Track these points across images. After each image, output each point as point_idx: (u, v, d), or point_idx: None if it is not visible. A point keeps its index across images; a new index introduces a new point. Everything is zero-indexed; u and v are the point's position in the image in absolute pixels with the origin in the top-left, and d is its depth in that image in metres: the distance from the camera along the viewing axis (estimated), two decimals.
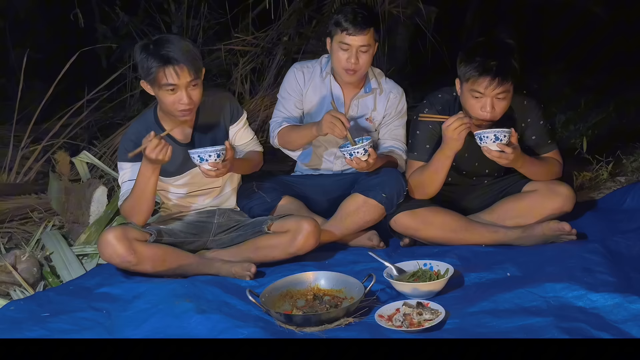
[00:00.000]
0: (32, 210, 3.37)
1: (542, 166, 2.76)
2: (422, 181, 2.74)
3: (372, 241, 2.84)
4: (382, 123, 2.99)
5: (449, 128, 2.54)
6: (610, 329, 1.92)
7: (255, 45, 4.71)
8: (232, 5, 4.89)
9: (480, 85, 2.53)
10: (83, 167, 3.63)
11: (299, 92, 3.00)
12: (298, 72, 3.02)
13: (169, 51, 2.42)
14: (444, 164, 2.66)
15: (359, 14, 2.80)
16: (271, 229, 2.65)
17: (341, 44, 2.82)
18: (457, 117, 2.54)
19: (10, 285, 2.64)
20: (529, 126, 2.78)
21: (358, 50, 2.81)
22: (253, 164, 2.82)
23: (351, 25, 2.78)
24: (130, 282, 2.52)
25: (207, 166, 2.46)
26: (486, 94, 2.54)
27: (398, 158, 2.93)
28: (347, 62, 2.83)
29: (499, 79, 2.51)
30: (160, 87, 2.46)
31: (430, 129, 2.78)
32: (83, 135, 4.28)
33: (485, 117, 2.56)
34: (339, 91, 2.97)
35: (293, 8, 4.59)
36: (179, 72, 2.42)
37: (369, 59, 2.86)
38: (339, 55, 2.84)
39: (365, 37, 2.80)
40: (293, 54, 4.63)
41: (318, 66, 3.02)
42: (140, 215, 2.56)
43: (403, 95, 3.03)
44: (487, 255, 2.62)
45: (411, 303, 2.16)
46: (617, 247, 2.55)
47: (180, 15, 5.17)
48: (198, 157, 2.44)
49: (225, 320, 2.10)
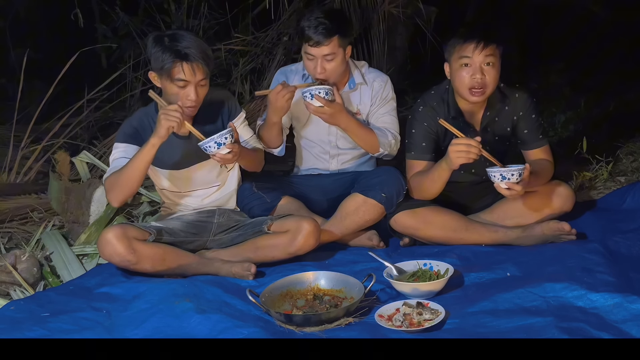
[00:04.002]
0: (32, 210, 3.37)
1: (543, 177, 2.76)
2: (421, 186, 2.75)
3: (372, 241, 2.84)
4: (369, 112, 3.00)
5: (453, 147, 2.52)
6: (610, 329, 1.92)
7: (255, 45, 4.71)
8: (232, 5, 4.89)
9: (467, 49, 2.58)
10: (83, 167, 3.63)
11: None
12: (281, 76, 3.02)
13: (186, 47, 2.47)
14: (441, 175, 2.66)
15: (321, 24, 2.76)
16: (271, 229, 2.65)
17: (306, 53, 2.83)
18: (466, 142, 2.50)
19: (10, 285, 2.64)
20: (521, 119, 2.79)
21: (322, 59, 2.80)
22: (256, 156, 2.80)
23: (313, 35, 2.76)
24: (130, 282, 2.52)
25: (225, 151, 2.45)
26: (474, 59, 2.58)
27: (380, 135, 2.91)
28: (313, 71, 2.83)
29: (485, 42, 2.57)
30: (171, 80, 2.50)
31: (426, 127, 2.78)
32: (83, 135, 4.28)
33: (476, 85, 2.60)
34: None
35: (293, 8, 4.59)
36: (195, 69, 2.48)
37: (336, 66, 2.83)
38: (307, 63, 2.86)
39: (328, 46, 2.78)
40: (293, 54, 4.63)
41: (302, 69, 3.00)
42: (121, 190, 2.53)
43: (388, 81, 3.02)
44: (487, 255, 2.62)
45: (411, 303, 2.16)
46: (617, 247, 2.55)
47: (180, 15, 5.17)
48: (215, 143, 2.43)
49: (225, 320, 2.10)
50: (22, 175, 3.71)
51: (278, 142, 2.94)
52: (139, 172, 2.51)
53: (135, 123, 2.66)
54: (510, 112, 2.78)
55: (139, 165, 2.49)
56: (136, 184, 2.55)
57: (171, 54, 2.47)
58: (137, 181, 2.53)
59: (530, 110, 2.79)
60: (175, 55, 2.47)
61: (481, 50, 2.58)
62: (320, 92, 2.71)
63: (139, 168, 2.50)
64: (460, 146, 2.51)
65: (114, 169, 2.58)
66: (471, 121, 2.78)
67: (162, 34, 2.56)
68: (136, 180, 2.53)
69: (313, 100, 2.72)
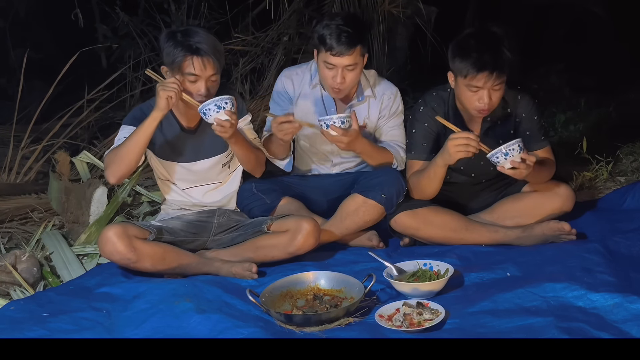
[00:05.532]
0: (32, 210, 3.37)
1: (545, 171, 2.76)
2: (419, 185, 2.75)
3: (372, 241, 2.84)
4: (377, 125, 2.94)
5: (452, 142, 2.52)
6: (610, 329, 1.92)
7: (255, 45, 4.71)
8: (232, 5, 4.90)
9: (479, 81, 2.54)
10: (83, 167, 3.64)
11: (288, 100, 2.93)
12: (287, 79, 2.93)
13: (198, 42, 2.51)
14: (437, 172, 2.66)
15: (344, 32, 2.64)
16: (271, 229, 2.65)
17: (326, 62, 2.70)
18: (466, 136, 2.51)
19: (10, 285, 2.64)
20: (523, 121, 2.78)
21: (344, 69, 2.70)
22: (255, 153, 2.74)
23: (335, 44, 2.64)
24: (130, 282, 2.52)
25: (224, 116, 2.45)
26: (483, 87, 2.56)
27: (394, 153, 2.87)
28: (332, 81, 2.72)
29: (497, 73, 2.53)
30: (182, 75, 2.52)
31: (426, 127, 2.78)
32: (83, 135, 4.28)
33: (483, 108, 2.58)
34: (330, 99, 2.89)
35: (293, 8, 4.59)
36: (206, 64, 2.51)
37: (355, 76, 2.75)
38: (325, 72, 2.73)
39: (351, 56, 2.68)
40: (293, 54, 4.63)
41: (308, 73, 2.93)
42: (119, 165, 2.53)
43: (397, 94, 2.95)
44: (487, 255, 2.62)
45: (411, 303, 2.16)
46: (617, 247, 2.55)
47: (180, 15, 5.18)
48: (215, 105, 2.44)
49: (225, 320, 2.10)
50: (22, 175, 3.71)
51: (284, 154, 2.86)
52: (138, 147, 2.52)
53: (145, 108, 2.66)
54: (512, 115, 2.77)
55: (140, 138, 2.51)
56: (135, 159, 2.54)
57: (182, 49, 2.51)
58: (136, 156, 2.53)
59: (533, 112, 2.78)
60: (186, 50, 2.50)
61: (493, 82, 2.54)
62: (335, 123, 2.60)
63: (139, 141, 2.51)
64: (459, 140, 2.51)
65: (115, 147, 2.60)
66: (471, 125, 2.78)
67: (175, 29, 2.62)
68: (135, 154, 2.53)
69: (329, 129, 2.62)
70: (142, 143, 2.53)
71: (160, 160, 2.73)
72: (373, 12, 4.53)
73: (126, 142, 2.54)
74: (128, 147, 2.52)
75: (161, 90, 2.47)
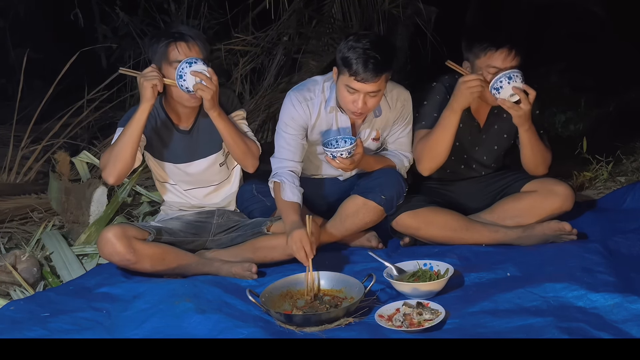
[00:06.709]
0: (32, 210, 3.37)
1: (541, 144, 2.76)
2: (430, 143, 2.72)
3: (371, 242, 2.84)
4: (390, 130, 2.83)
5: (465, 83, 2.57)
6: (610, 329, 1.92)
7: (255, 45, 4.71)
8: (232, 5, 4.89)
9: (497, 59, 2.59)
10: (83, 167, 3.64)
11: (304, 127, 2.73)
12: (301, 105, 2.69)
13: (180, 30, 2.57)
14: (451, 119, 2.65)
15: (372, 59, 2.44)
16: (270, 230, 2.65)
17: (348, 86, 2.52)
18: (477, 76, 2.57)
19: (10, 285, 2.64)
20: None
21: (366, 95, 2.52)
22: (240, 135, 2.65)
23: (362, 71, 2.45)
24: (130, 282, 2.52)
25: (199, 67, 2.46)
26: (501, 67, 2.59)
27: (397, 163, 2.82)
28: (353, 105, 2.55)
29: (515, 51, 2.60)
30: (170, 64, 2.52)
31: (438, 99, 2.78)
32: (83, 135, 4.28)
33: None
34: (347, 123, 2.73)
35: (293, 8, 4.59)
36: (192, 47, 2.53)
37: (377, 101, 2.59)
38: (345, 95, 2.55)
39: (377, 83, 2.50)
40: (293, 54, 4.63)
41: (321, 95, 2.71)
42: (115, 163, 2.52)
43: (409, 99, 2.80)
44: (487, 255, 2.62)
45: (411, 303, 2.16)
46: (617, 247, 2.55)
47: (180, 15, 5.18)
48: (185, 63, 2.46)
49: (225, 320, 2.11)
50: (22, 175, 3.71)
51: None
52: (131, 141, 2.52)
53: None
54: None
55: (132, 132, 2.51)
56: (129, 155, 2.53)
57: (166, 38, 2.55)
58: (130, 152, 2.53)
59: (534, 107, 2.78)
60: (169, 37, 2.54)
61: (511, 60, 2.60)
62: (342, 154, 2.56)
63: (132, 136, 2.51)
64: (470, 82, 2.56)
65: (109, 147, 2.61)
66: (477, 115, 2.80)
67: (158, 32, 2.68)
68: (129, 150, 2.52)
69: (335, 159, 2.58)
70: (135, 137, 2.52)
71: (157, 162, 2.73)
72: (373, 12, 4.53)
73: (119, 139, 2.54)
74: (121, 144, 2.52)
75: (144, 81, 2.47)
